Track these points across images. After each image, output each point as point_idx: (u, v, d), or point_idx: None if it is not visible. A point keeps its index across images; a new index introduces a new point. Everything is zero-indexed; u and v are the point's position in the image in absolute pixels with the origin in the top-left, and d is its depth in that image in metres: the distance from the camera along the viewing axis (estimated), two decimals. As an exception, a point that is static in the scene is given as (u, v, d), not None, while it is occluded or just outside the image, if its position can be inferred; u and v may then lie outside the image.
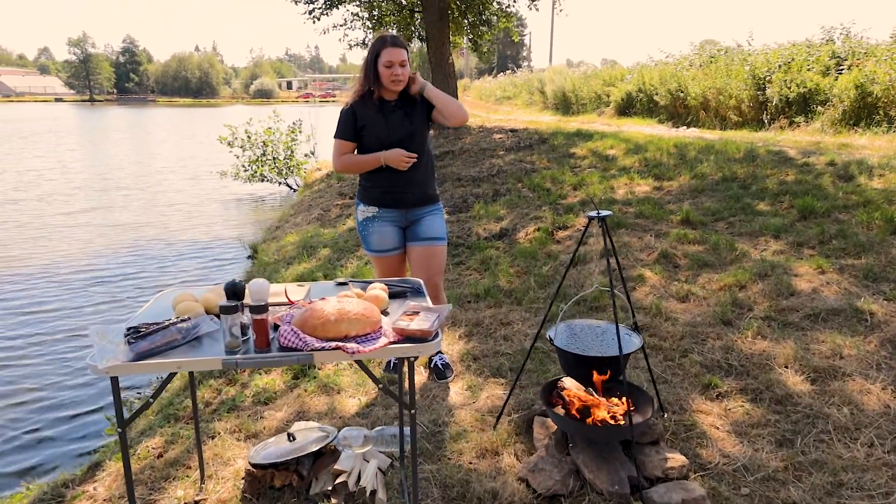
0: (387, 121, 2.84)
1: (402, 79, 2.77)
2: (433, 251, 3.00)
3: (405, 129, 2.86)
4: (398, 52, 2.74)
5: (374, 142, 2.85)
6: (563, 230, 5.79)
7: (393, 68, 2.74)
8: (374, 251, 3.03)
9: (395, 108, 2.87)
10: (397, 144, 2.85)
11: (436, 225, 3.02)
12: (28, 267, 7.38)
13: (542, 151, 9.77)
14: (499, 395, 3.03)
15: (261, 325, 1.60)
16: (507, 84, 26.95)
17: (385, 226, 2.97)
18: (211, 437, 2.76)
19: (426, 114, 2.92)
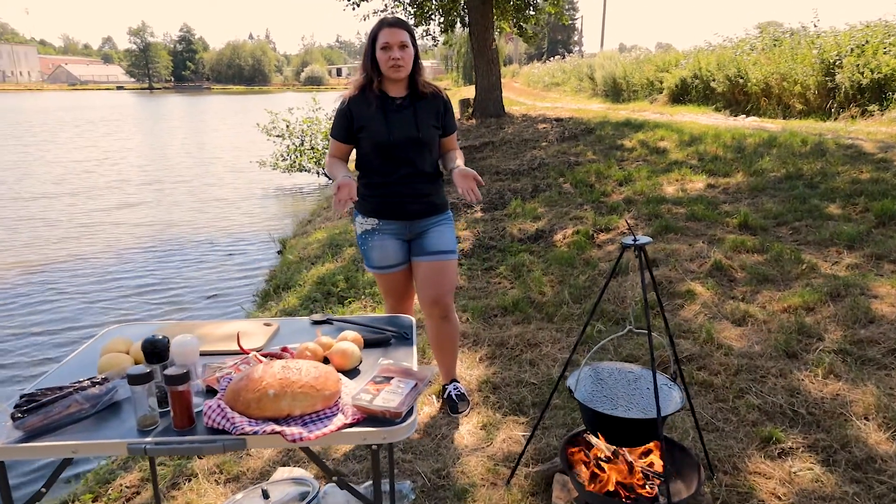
0: (387, 120, 2.44)
1: (402, 63, 2.38)
2: (442, 266, 2.60)
3: (410, 133, 2.46)
4: (397, 33, 2.36)
5: (371, 146, 2.47)
6: (605, 233, 5.29)
7: (391, 51, 2.36)
8: (375, 268, 2.64)
9: (400, 107, 2.47)
10: (399, 149, 2.46)
11: (444, 236, 2.63)
12: (44, 268, 7.35)
13: (588, 143, 9.21)
14: (517, 437, 2.62)
15: (180, 399, 1.25)
16: (556, 70, 26.12)
17: (386, 239, 2.59)
18: (188, 477, 2.46)
19: (439, 119, 2.53)
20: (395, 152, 2.46)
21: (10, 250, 7.55)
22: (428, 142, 2.49)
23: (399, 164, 2.47)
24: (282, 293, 5.35)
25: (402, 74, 2.42)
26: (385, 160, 2.47)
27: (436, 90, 2.55)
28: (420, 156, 2.48)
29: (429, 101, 2.52)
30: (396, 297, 2.72)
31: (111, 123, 27.52)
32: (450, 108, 2.59)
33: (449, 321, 2.71)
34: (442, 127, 2.56)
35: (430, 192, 2.57)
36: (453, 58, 42.22)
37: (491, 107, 12.34)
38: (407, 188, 2.51)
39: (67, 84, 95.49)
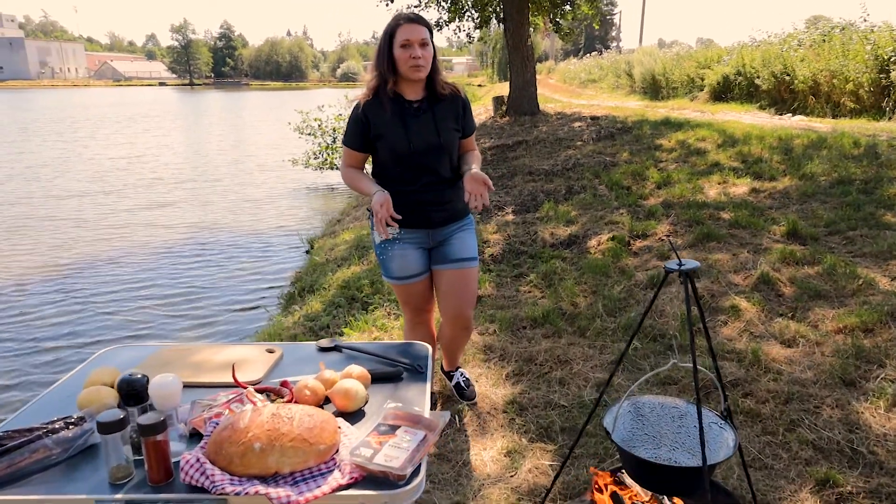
0: (406, 127, 2.28)
1: (423, 63, 2.20)
2: (465, 275, 2.49)
3: (430, 140, 2.30)
4: (417, 30, 2.19)
5: (389, 154, 2.31)
6: (642, 239, 5.04)
7: (411, 49, 2.18)
8: (395, 279, 2.50)
9: (419, 111, 2.31)
10: (420, 158, 2.31)
11: (466, 243, 2.51)
12: (67, 274, 7.40)
13: (625, 142, 8.90)
14: (544, 468, 2.43)
15: (156, 450, 1.10)
16: (593, 66, 25.62)
17: (407, 248, 2.45)
18: None
19: (458, 121, 2.37)
20: (416, 160, 2.31)
21: (33, 253, 7.37)
22: (449, 147, 2.35)
23: (420, 172, 2.33)
24: (306, 297, 5.24)
25: (423, 75, 2.25)
26: (405, 169, 2.33)
27: (454, 90, 2.39)
28: (441, 162, 2.34)
29: (448, 103, 2.36)
30: (416, 309, 2.61)
31: (151, 120, 28.06)
32: (468, 107, 2.44)
33: (467, 330, 2.67)
34: (461, 128, 2.41)
35: (452, 197, 2.43)
36: (489, 54, 41.90)
37: (525, 104, 12.09)
38: (429, 196, 2.37)
39: (112, 80, 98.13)
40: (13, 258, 7.05)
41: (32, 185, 11.62)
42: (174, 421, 1.24)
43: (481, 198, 2.18)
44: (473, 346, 3.50)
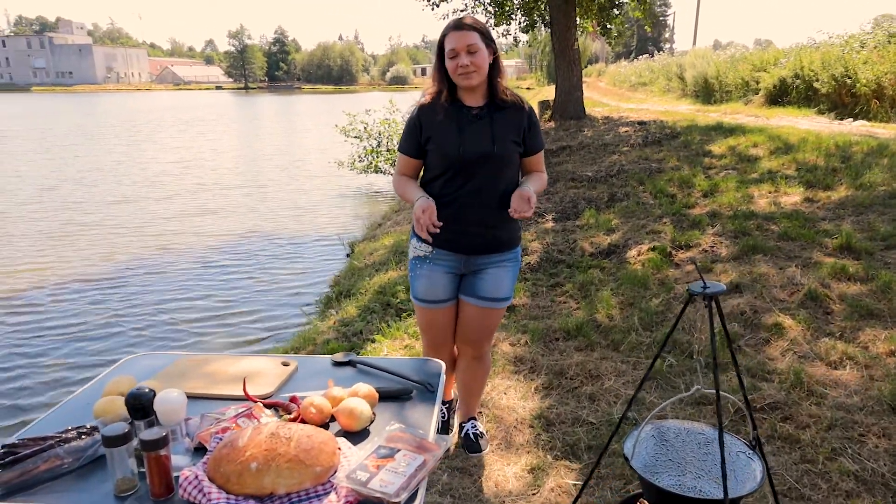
0: (460, 131, 2.13)
1: (471, 70, 2.08)
2: (489, 313, 2.34)
3: (484, 146, 2.12)
4: (463, 36, 2.07)
5: (439, 159, 2.18)
6: (684, 250, 4.89)
7: (458, 58, 2.07)
8: (419, 300, 2.35)
9: (476, 117, 2.16)
10: (470, 166, 2.13)
11: (502, 283, 2.30)
12: (107, 284, 7.65)
13: (673, 148, 8.68)
14: (568, 487, 2.38)
15: (157, 465, 1.12)
16: (644, 69, 25.10)
17: (437, 271, 2.28)
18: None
19: (521, 134, 2.19)
20: (465, 169, 2.14)
21: (76, 260, 7.34)
22: (504, 160, 2.15)
23: (466, 184, 2.16)
24: (343, 301, 5.30)
25: (474, 82, 2.11)
26: (451, 178, 2.17)
27: (518, 101, 2.21)
28: (493, 176, 2.15)
29: (510, 113, 2.18)
30: (435, 336, 2.43)
31: (205, 124, 28.95)
32: (535, 122, 2.24)
33: (481, 361, 2.51)
34: (524, 143, 2.21)
35: (496, 223, 2.21)
36: (537, 57, 41.61)
37: (571, 109, 11.93)
38: (471, 215, 2.18)
39: (173, 84, 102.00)
40: (56, 264, 7.22)
41: (85, 190, 11.87)
42: (178, 435, 1.26)
43: (521, 215, 2.07)
44: (503, 356, 3.47)
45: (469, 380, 2.56)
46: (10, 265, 7.12)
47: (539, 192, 2.24)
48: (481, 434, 2.66)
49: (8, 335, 5.27)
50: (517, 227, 2.33)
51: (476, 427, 2.66)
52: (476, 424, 2.67)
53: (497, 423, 2.83)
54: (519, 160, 2.24)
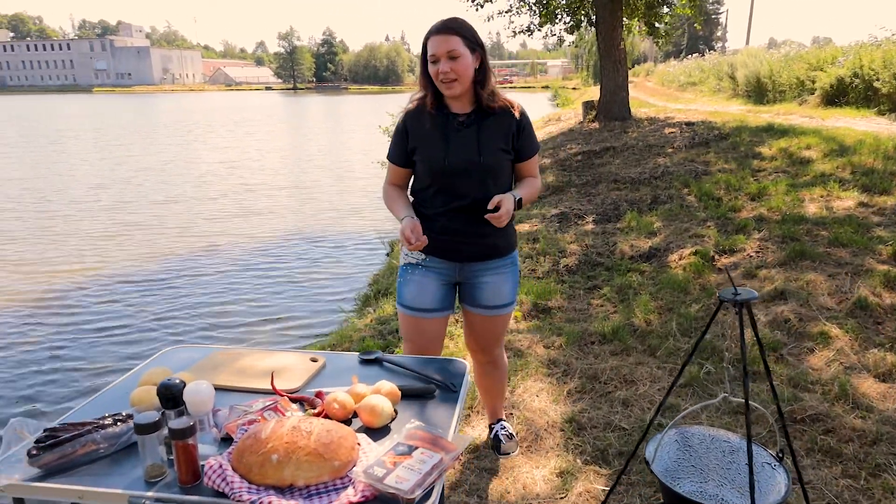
0: (446, 140, 2.04)
1: (453, 77, 1.97)
2: (493, 322, 2.28)
3: (469, 156, 2.03)
4: (443, 42, 1.95)
5: (425, 170, 2.09)
6: (728, 255, 4.77)
7: (438, 64, 1.96)
8: (405, 307, 2.21)
9: (463, 125, 2.06)
10: (456, 176, 2.05)
11: (501, 290, 2.22)
12: (151, 284, 7.87)
13: (721, 150, 8.46)
14: (596, 493, 2.35)
15: (185, 453, 1.17)
16: (693, 68, 24.52)
17: (429, 278, 2.18)
18: None
19: (510, 141, 2.08)
20: (452, 180, 2.06)
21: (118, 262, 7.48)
22: (492, 169, 2.06)
23: (455, 194, 2.08)
24: (381, 299, 5.37)
25: (456, 91, 2.00)
26: (440, 188, 2.09)
27: (506, 105, 2.09)
28: (482, 185, 2.05)
29: (497, 119, 2.07)
30: (421, 347, 2.23)
31: (254, 124, 29.66)
32: (526, 126, 2.13)
33: (496, 366, 2.47)
34: (515, 150, 2.11)
35: (489, 231, 2.10)
36: (584, 57, 41.10)
37: (616, 109, 11.76)
38: (462, 225, 2.09)
39: (225, 85, 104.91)
40: (100, 264, 7.42)
41: (133, 190, 12.18)
42: (206, 426, 1.31)
43: (495, 219, 1.95)
44: (536, 358, 3.45)
45: (488, 384, 2.54)
46: (56, 264, 7.39)
47: (531, 198, 2.15)
48: (511, 435, 2.65)
49: (55, 331, 5.52)
50: (512, 233, 2.25)
51: (505, 428, 2.66)
52: (505, 426, 2.67)
53: (527, 425, 2.82)
54: (511, 167, 2.15)
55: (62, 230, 8.99)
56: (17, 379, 4.59)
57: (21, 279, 6.82)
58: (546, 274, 4.85)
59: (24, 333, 5.40)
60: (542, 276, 4.81)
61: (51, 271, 7.12)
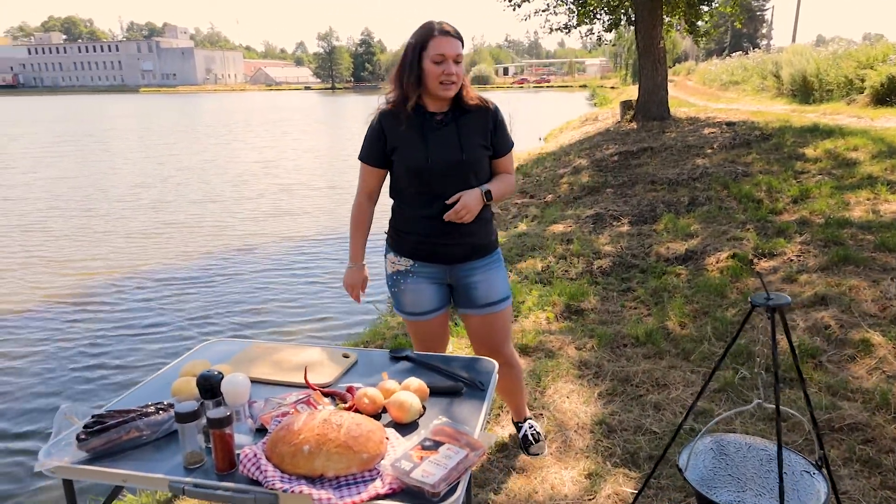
0: (426, 141, 2.04)
1: (456, 80, 2.00)
2: (494, 319, 2.26)
3: (452, 155, 2.04)
4: (454, 44, 1.99)
5: (405, 170, 2.08)
6: (767, 259, 4.67)
7: (445, 64, 1.97)
8: (407, 314, 2.27)
9: (440, 123, 2.07)
10: (438, 176, 2.05)
11: (494, 285, 2.23)
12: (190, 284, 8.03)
13: (762, 151, 8.27)
14: (625, 496, 2.34)
15: (222, 441, 1.22)
16: (736, 67, 23.95)
17: (421, 283, 2.21)
18: None
19: (488, 137, 2.11)
20: (434, 180, 2.05)
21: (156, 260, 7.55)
22: (474, 165, 2.07)
23: (436, 194, 2.06)
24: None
25: (452, 93, 2.03)
26: (421, 189, 2.08)
27: (482, 102, 2.11)
28: (464, 184, 2.05)
29: (475, 116, 2.10)
30: (429, 346, 2.32)
31: (292, 123, 30.12)
32: (501, 122, 2.16)
33: (511, 366, 2.42)
34: (492, 146, 2.13)
35: (474, 230, 2.13)
36: (623, 55, 40.54)
37: (654, 109, 11.59)
38: (446, 226, 2.08)
39: (265, 85, 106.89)
40: (136, 262, 7.55)
41: (172, 189, 12.36)
42: (242, 416, 1.37)
43: (455, 216, 1.99)
44: (568, 360, 3.45)
45: (508, 386, 2.51)
46: (98, 262, 7.57)
47: (504, 194, 2.17)
48: (538, 435, 2.65)
49: (98, 326, 5.73)
50: (493, 230, 2.26)
51: (533, 427, 2.66)
52: (533, 425, 2.67)
53: (557, 426, 2.82)
54: (489, 163, 2.16)
55: (104, 228, 9.27)
56: (62, 370, 4.79)
57: (64, 276, 7.07)
58: (579, 275, 4.83)
59: (70, 328, 5.62)
60: (574, 278, 4.79)
61: (93, 269, 7.35)
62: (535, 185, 9.05)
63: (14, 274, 7.19)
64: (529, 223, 6.78)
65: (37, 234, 8.99)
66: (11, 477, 3.45)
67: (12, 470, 3.52)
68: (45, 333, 5.48)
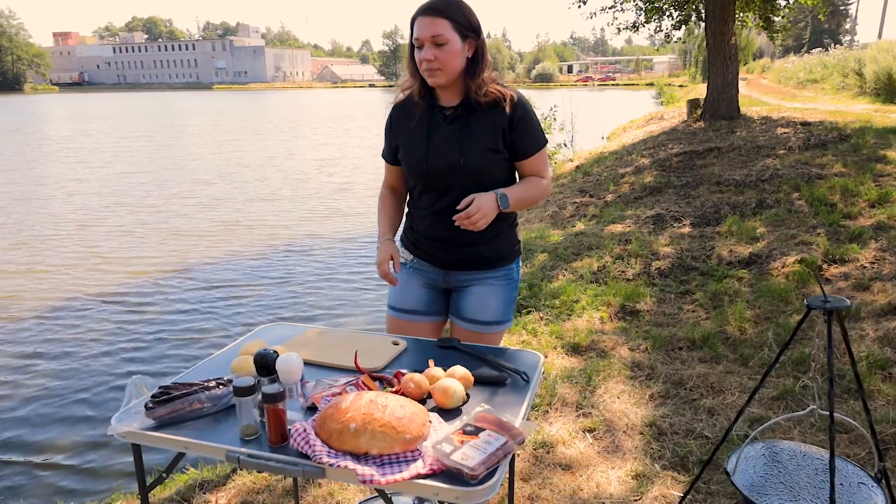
0: (428, 139, 1.85)
1: (437, 66, 1.73)
2: (479, 339, 1.97)
3: (450, 157, 1.81)
4: (428, 24, 1.72)
5: (408, 171, 1.94)
6: (839, 265, 4.46)
7: (422, 50, 1.75)
8: (389, 307, 2.08)
9: (448, 119, 1.85)
10: (439, 179, 1.85)
11: (488, 304, 1.96)
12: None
13: (839, 152, 7.88)
14: (673, 498, 2.31)
15: (275, 416, 1.29)
16: (815, 64, 22.78)
17: (414, 279, 2.04)
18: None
19: (500, 138, 1.82)
20: (435, 182, 1.87)
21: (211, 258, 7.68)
22: (475, 170, 1.81)
23: (440, 196, 1.88)
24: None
25: (440, 81, 1.77)
26: (424, 191, 1.93)
27: (498, 97, 1.81)
28: (468, 189, 1.79)
29: (486, 114, 1.82)
30: None
31: (355, 120, 30.66)
32: (522, 120, 1.82)
33: None
34: (508, 148, 1.84)
35: (476, 239, 1.88)
36: (693, 52, 39.27)
37: (723, 108, 11.20)
38: (445, 231, 1.88)
39: (331, 82, 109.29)
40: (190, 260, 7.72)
41: (231, 187, 12.59)
42: (294, 394, 1.44)
43: (466, 220, 1.72)
44: (621, 360, 3.41)
45: None
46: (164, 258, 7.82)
47: (529, 200, 1.86)
48: None
49: (168, 310, 6.06)
50: (509, 244, 1.98)
51: None
52: None
53: (606, 425, 2.81)
54: (508, 166, 1.88)
55: (172, 227, 9.59)
56: (134, 349, 5.10)
57: (131, 271, 7.37)
58: (636, 276, 4.75)
59: (141, 313, 5.94)
60: (631, 279, 4.72)
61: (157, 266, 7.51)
62: (595, 184, 8.92)
63: (86, 263, 7.67)
64: (587, 222, 6.70)
65: (105, 227, 9.49)
66: (89, 444, 3.74)
67: (90, 436, 3.81)
68: (118, 316, 5.84)
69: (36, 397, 4.30)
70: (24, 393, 4.37)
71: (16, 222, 9.58)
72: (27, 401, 4.26)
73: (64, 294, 6.43)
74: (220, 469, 2.73)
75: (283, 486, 2.53)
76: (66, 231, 9.07)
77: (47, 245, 8.31)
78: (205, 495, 2.54)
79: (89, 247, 8.25)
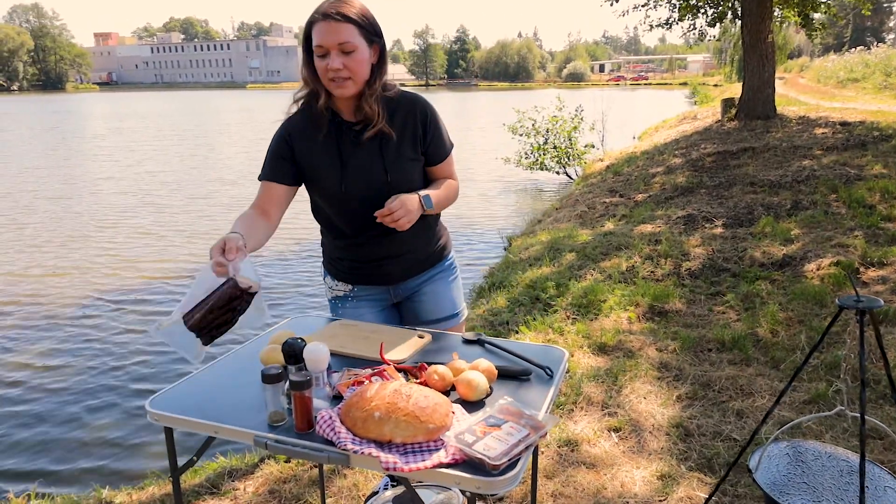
0: (341, 160, 1.73)
1: (346, 75, 1.62)
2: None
3: (373, 177, 1.73)
4: (333, 31, 1.58)
5: (322, 198, 1.82)
6: (877, 268, 4.35)
7: (326, 59, 1.61)
8: None
9: (359, 138, 1.73)
10: (361, 203, 1.74)
11: (441, 299, 1.98)
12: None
13: (879, 153, 7.67)
14: (698, 499, 2.29)
15: (301, 403, 1.32)
16: (856, 63, 22.18)
17: (362, 307, 1.97)
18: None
19: (418, 145, 1.78)
20: (354, 206, 1.77)
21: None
22: (401, 186, 1.73)
23: (363, 221, 1.76)
24: (494, 292, 5.46)
25: (348, 92, 1.66)
26: (347, 216, 1.82)
27: (408, 100, 1.76)
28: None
29: (400, 122, 1.74)
30: None
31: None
32: (432, 122, 1.78)
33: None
34: (425, 154, 1.80)
35: (412, 246, 1.88)
36: (728, 51, 38.52)
37: (759, 107, 10.99)
38: (378, 250, 1.85)
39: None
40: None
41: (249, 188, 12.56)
42: (321, 382, 1.47)
43: (388, 217, 1.63)
44: (648, 361, 3.38)
45: None
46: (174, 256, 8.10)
47: (445, 198, 1.83)
48: None
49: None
50: (437, 238, 1.96)
51: None
52: None
53: (631, 425, 2.79)
54: (422, 173, 1.83)
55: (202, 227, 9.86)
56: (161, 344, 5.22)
57: (163, 269, 7.64)
58: (665, 276, 4.69)
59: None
60: (661, 279, 4.67)
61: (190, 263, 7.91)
62: (626, 183, 8.83)
63: (113, 258, 7.89)
64: (617, 222, 6.64)
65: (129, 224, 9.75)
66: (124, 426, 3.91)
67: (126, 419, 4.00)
68: (149, 307, 6.00)
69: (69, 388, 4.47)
70: (60, 381, 4.54)
71: (41, 221, 9.78)
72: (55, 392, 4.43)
73: (91, 292, 6.64)
74: (249, 458, 2.79)
75: (310, 476, 2.57)
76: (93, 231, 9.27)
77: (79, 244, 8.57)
78: (233, 483, 2.60)
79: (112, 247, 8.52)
